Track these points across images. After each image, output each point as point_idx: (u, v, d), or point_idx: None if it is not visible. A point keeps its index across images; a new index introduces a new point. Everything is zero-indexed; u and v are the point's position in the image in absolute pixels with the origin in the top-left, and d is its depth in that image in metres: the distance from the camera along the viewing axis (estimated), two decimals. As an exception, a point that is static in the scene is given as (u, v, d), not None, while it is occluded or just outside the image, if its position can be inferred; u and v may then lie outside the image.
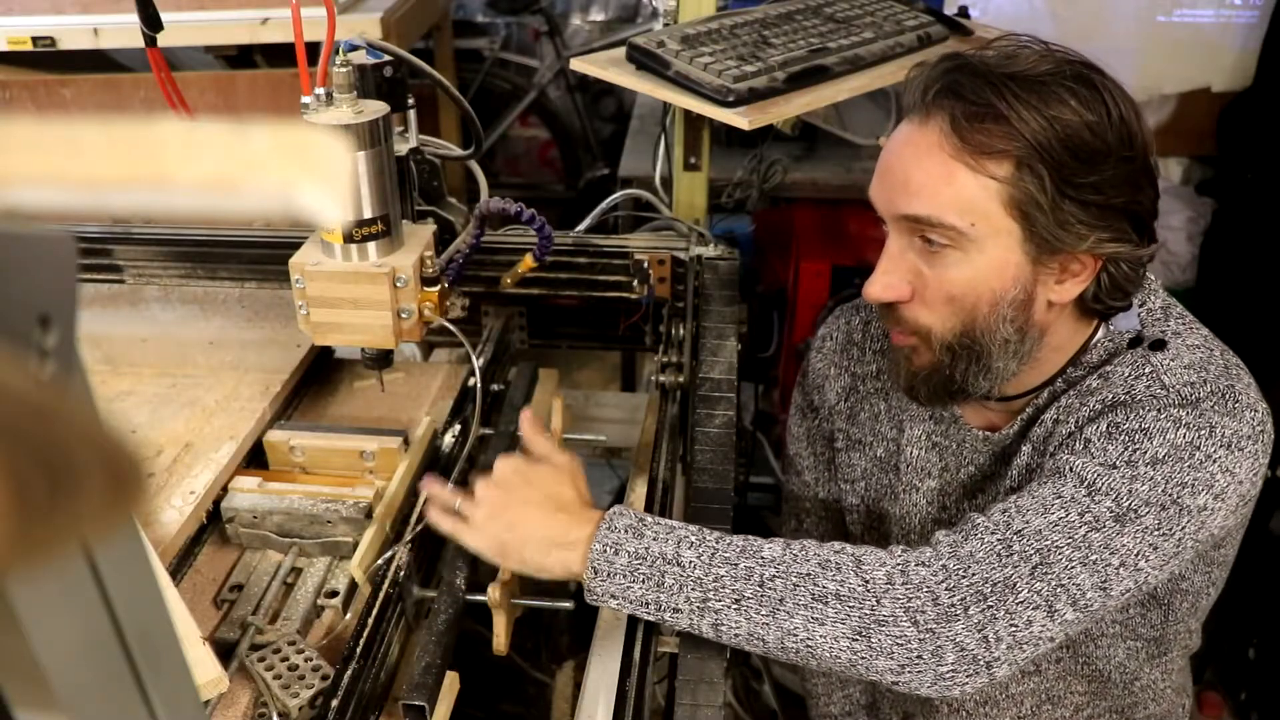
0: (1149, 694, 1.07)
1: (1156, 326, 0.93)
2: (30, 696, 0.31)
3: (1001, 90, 0.83)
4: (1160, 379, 0.87)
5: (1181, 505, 0.83)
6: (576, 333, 1.56)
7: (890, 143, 0.91)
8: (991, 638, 0.79)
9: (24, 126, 0.25)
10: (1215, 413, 0.85)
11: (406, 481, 1.07)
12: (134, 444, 0.26)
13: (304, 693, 0.86)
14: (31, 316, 0.27)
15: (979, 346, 0.89)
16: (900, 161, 0.88)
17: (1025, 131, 0.82)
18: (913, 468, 1.06)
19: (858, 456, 1.12)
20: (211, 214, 0.25)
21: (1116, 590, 0.82)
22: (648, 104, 2.44)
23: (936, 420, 1.04)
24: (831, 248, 2.04)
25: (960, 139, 0.83)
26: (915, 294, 0.90)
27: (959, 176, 0.84)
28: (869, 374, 1.11)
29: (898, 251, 0.90)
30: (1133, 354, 0.91)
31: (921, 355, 0.93)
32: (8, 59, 1.94)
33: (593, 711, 0.87)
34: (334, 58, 0.96)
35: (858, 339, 1.13)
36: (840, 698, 1.28)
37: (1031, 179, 0.83)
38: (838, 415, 1.14)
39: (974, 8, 2.13)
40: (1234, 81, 2.44)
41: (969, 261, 0.86)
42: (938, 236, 0.86)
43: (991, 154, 0.83)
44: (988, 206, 0.84)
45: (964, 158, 0.84)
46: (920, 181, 0.85)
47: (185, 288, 1.42)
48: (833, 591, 0.80)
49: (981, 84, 0.84)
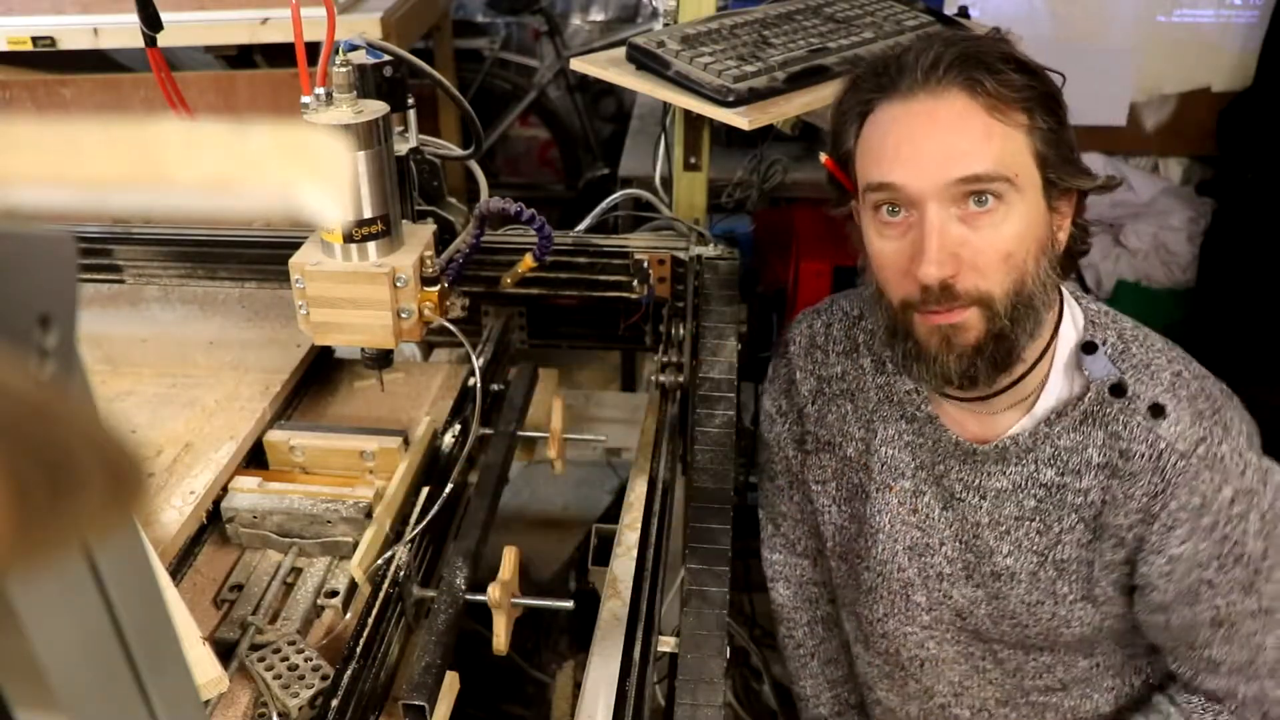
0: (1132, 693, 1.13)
1: (1124, 360, 0.96)
2: (30, 696, 0.31)
3: (998, 49, 0.89)
4: (1176, 449, 0.93)
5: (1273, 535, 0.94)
6: (576, 333, 1.56)
7: (893, 126, 0.90)
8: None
9: (24, 126, 0.25)
10: (1223, 445, 0.92)
11: (406, 481, 1.07)
12: (134, 444, 0.26)
13: (304, 693, 0.86)
14: (31, 316, 0.27)
15: (1033, 300, 0.91)
16: (931, 134, 0.88)
17: (1027, 81, 0.88)
18: (886, 466, 1.06)
19: (828, 458, 1.12)
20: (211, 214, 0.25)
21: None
22: (648, 104, 2.45)
23: (909, 420, 1.04)
24: (831, 248, 2.04)
25: (987, 97, 0.87)
26: (964, 265, 0.89)
27: (996, 131, 0.87)
28: (834, 376, 1.11)
29: (940, 225, 0.88)
30: (1139, 423, 0.93)
31: (971, 329, 0.90)
32: (8, 59, 1.94)
33: (593, 711, 0.87)
34: (334, 58, 0.96)
35: (820, 342, 1.13)
36: (829, 698, 1.28)
37: (1042, 121, 0.88)
38: (806, 418, 1.14)
39: (974, 7, 2.13)
40: (1234, 81, 2.44)
41: (1016, 214, 0.88)
42: (990, 192, 0.87)
43: (1015, 106, 0.87)
44: (1023, 158, 0.88)
45: (996, 114, 0.87)
46: (967, 144, 0.87)
47: (185, 288, 1.42)
48: None
49: (980, 48, 0.89)
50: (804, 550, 1.24)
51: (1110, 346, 0.97)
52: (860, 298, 1.12)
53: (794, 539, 1.24)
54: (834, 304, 1.15)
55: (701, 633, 0.90)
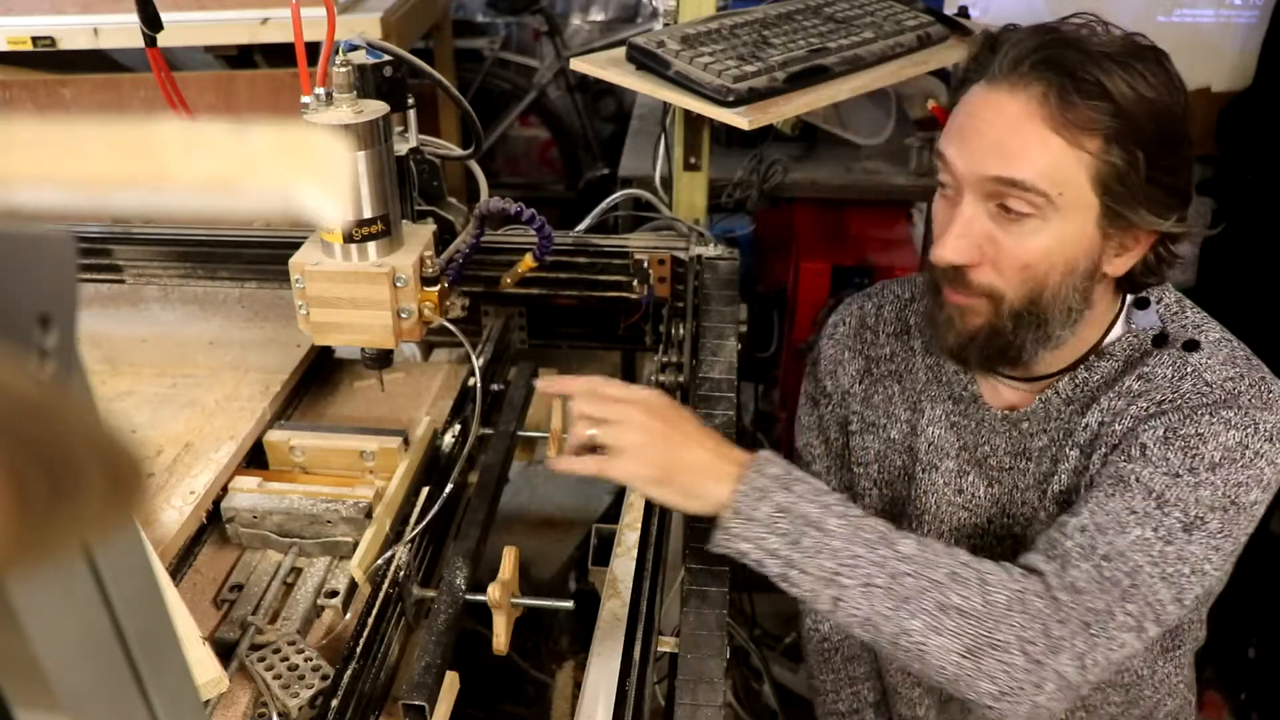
0: (1165, 689, 1.08)
1: (1175, 322, 0.95)
2: (30, 696, 0.31)
3: (1102, 66, 0.84)
4: (1203, 378, 0.90)
5: (1239, 505, 0.86)
6: (576, 333, 1.56)
7: (973, 107, 0.90)
8: (1089, 664, 0.81)
9: (24, 126, 0.25)
10: (1255, 408, 0.88)
11: (406, 481, 1.07)
12: (134, 444, 0.26)
13: (304, 693, 0.86)
14: (31, 316, 0.27)
15: (1045, 315, 0.91)
16: (991, 126, 0.88)
17: (1123, 109, 0.84)
18: (933, 447, 1.07)
19: (871, 439, 1.13)
20: (211, 214, 0.25)
21: (1189, 599, 0.85)
22: (648, 104, 2.44)
23: (955, 400, 1.05)
24: (831, 248, 2.04)
25: (1060, 110, 0.85)
26: (985, 259, 0.90)
27: (1054, 146, 0.85)
28: (883, 357, 1.12)
29: (972, 215, 0.89)
30: (1170, 354, 0.93)
31: (979, 315, 0.92)
32: (8, 59, 1.94)
33: (593, 711, 0.87)
34: (334, 58, 0.96)
35: (871, 323, 1.14)
36: (849, 694, 1.28)
37: (1120, 155, 0.85)
38: (852, 399, 1.15)
39: (974, 7, 2.13)
40: (1234, 81, 2.44)
41: (1049, 230, 0.87)
42: (1023, 204, 0.86)
43: (1088, 128, 0.84)
44: (1077, 179, 0.86)
45: (1061, 130, 0.85)
46: (1016, 147, 0.86)
47: (185, 288, 1.42)
48: (956, 605, 0.81)
49: (1084, 58, 0.85)
50: None
51: (1164, 306, 0.97)
52: (912, 282, 1.13)
53: None
54: (885, 288, 1.16)
55: (701, 633, 0.90)
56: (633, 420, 0.87)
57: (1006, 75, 0.87)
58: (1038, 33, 0.89)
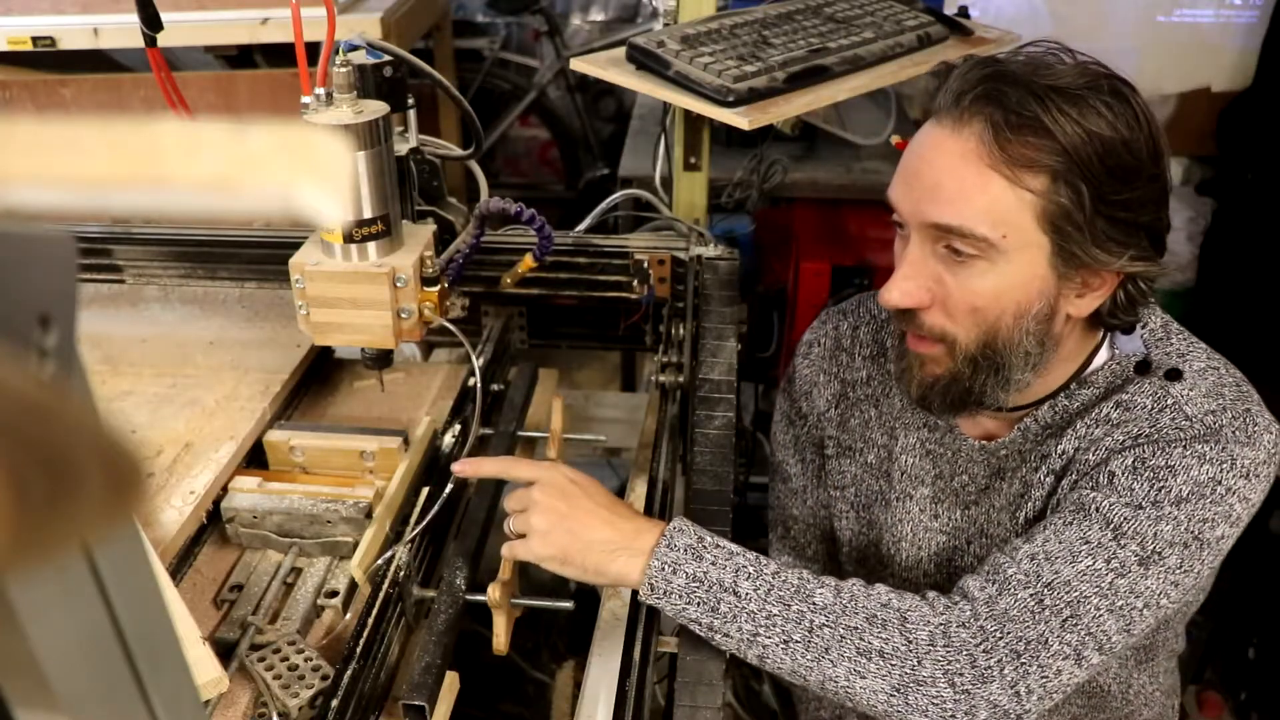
0: (1141, 699, 1.08)
1: (1160, 348, 0.93)
2: (30, 696, 0.31)
3: (1045, 101, 0.81)
4: (1184, 410, 0.88)
5: (1202, 540, 0.84)
6: (576, 333, 1.56)
7: (917, 145, 0.88)
8: (1024, 692, 0.81)
9: (24, 126, 0.25)
10: (1235, 442, 0.86)
11: (406, 481, 1.07)
12: (134, 444, 0.26)
13: (304, 693, 0.86)
14: (31, 316, 0.27)
15: (1000, 358, 0.88)
16: (930, 167, 0.86)
17: (1066, 145, 0.80)
18: (906, 475, 1.05)
19: (848, 463, 1.11)
20: (211, 214, 0.25)
21: (1139, 629, 0.84)
22: (648, 104, 2.44)
23: (931, 428, 1.03)
24: (831, 248, 2.04)
25: (999, 148, 0.81)
26: (936, 301, 0.88)
27: (994, 187, 0.82)
28: (859, 380, 1.10)
29: (919, 257, 0.87)
30: (1151, 383, 0.91)
31: (938, 364, 0.91)
32: (8, 59, 1.94)
33: (593, 711, 0.87)
34: (334, 58, 0.96)
35: (846, 345, 1.12)
36: (830, 701, 1.28)
37: (1068, 194, 0.81)
38: (828, 422, 1.13)
39: (974, 8, 2.13)
40: (1234, 81, 2.44)
41: (996, 273, 0.84)
42: (966, 247, 0.84)
43: (1030, 166, 0.81)
44: (1020, 219, 0.82)
45: (1001, 168, 0.81)
46: (953, 189, 0.83)
47: (185, 288, 1.42)
48: (877, 649, 0.81)
49: (1024, 93, 0.81)
50: (813, 555, 1.23)
51: (1149, 331, 0.94)
52: None
53: (804, 543, 1.23)
54: (861, 305, 1.13)
55: (701, 633, 0.90)
56: (536, 504, 0.89)
57: (949, 111, 0.85)
58: (983, 65, 0.85)
